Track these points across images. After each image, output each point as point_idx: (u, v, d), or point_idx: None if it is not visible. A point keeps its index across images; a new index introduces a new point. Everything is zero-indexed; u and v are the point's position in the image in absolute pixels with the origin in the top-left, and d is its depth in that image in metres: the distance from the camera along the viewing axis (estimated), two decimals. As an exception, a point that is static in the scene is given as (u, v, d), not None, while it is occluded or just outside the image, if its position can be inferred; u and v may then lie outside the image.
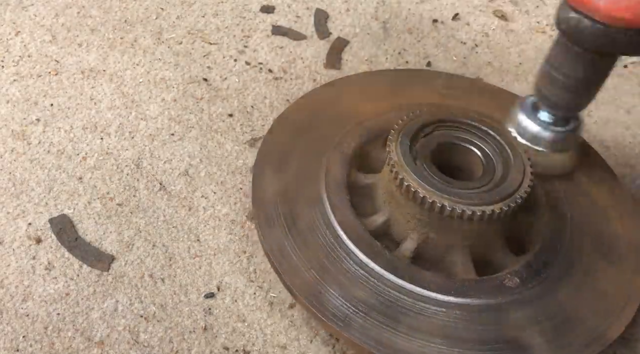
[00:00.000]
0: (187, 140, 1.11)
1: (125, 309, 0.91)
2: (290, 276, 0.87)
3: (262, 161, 1.00)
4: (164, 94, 1.17)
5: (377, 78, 1.17)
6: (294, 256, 0.89)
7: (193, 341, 0.88)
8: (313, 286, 0.86)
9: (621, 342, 0.89)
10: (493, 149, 0.92)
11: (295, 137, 1.03)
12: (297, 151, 1.01)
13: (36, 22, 1.29)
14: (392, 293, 0.85)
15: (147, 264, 0.95)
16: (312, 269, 0.87)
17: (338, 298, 0.85)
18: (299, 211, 0.93)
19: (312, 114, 1.07)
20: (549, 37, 1.34)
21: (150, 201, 1.03)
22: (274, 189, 0.96)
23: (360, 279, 0.86)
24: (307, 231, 0.91)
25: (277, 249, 0.90)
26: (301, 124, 1.05)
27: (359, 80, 1.16)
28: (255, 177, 0.98)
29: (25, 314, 0.89)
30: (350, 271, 0.87)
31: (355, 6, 1.37)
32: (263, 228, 0.92)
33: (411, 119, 0.93)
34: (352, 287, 0.85)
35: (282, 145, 1.02)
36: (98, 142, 1.09)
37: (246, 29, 1.31)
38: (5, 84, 1.17)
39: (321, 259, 0.88)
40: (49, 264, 0.94)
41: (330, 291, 0.85)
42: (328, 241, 0.90)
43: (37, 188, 1.03)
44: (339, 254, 0.88)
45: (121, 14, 1.32)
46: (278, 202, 0.94)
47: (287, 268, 0.88)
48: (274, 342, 0.89)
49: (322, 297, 0.85)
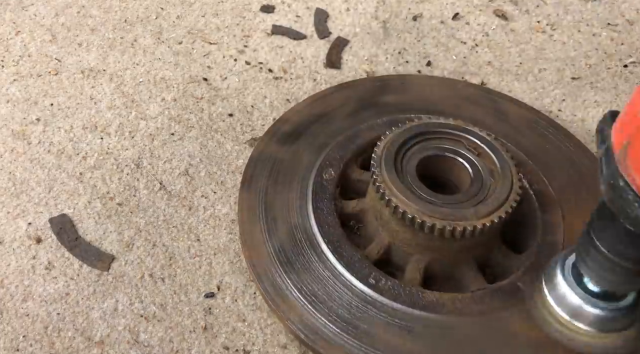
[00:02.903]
0: (187, 140, 1.11)
1: (125, 309, 0.91)
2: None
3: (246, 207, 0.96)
4: (164, 94, 1.17)
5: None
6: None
7: (193, 341, 0.88)
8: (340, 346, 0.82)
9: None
10: (479, 158, 0.91)
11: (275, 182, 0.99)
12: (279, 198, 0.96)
13: (36, 22, 1.29)
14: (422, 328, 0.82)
15: (147, 263, 0.95)
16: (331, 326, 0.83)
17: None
18: (299, 274, 0.89)
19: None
20: (549, 36, 1.34)
21: (150, 200, 1.03)
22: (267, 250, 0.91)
23: (387, 324, 0.82)
24: (322, 294, 0.86)
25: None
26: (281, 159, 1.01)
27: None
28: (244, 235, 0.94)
29: (25, 314, 0.89)
30: (377, 316, 0.83)
31: (355, 6, 1.37)
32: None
33: (395, 135, 0.91)
34: (384, 333, 0.82)
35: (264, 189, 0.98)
36: (98, 142, 1.09)
37: (246, 28, 1.31)
38: (5, 84, 1.17)
39: (343, 314, 0.84)
40: (49, 264, 0.94)
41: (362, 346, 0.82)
42: (344, 297, 0.85)
43: (37, 188, 1.03)
44: (358, 304, 0.84)
45: (121, 14, 1.32)
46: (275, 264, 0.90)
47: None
48: (274, 342, 0.89)
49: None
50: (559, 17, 1.39)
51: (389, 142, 0.90)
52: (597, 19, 1.39)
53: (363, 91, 1.12)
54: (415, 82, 1.17)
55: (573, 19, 1.39)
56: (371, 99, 1.10)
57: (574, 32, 1.35)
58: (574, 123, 1.17)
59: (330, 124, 1.04)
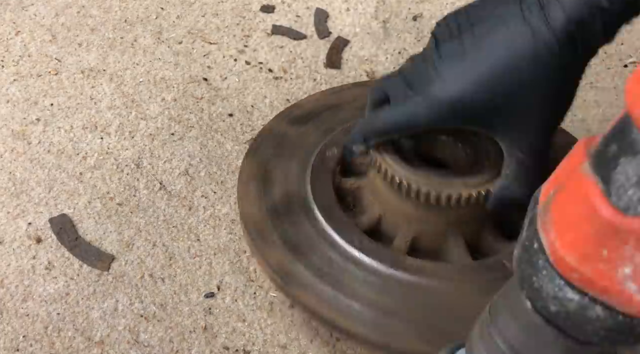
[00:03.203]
0: (187, 139, 1.11)
1: (126, 309, 0.91)
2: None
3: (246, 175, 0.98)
4: (164, 94, 1.18)
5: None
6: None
7: (193, 341, 0.88)
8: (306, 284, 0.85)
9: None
10: (477, 139, 0.91)
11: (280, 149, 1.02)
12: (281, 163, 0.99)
13: (36, 22, 1.29)
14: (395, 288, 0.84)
15: (147, 263, 0.95)
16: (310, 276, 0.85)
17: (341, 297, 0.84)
18: (293, 224, 0.90)
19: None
20: (549, 36, 1.34)
21: (150, 200, 1.03)
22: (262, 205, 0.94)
23: (365, 280, 0.84)
24: (305, 246, 0.88)
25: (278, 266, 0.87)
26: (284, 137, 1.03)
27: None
28: (240, 195, 0.96)
29: (25, 314, 0.89)
30: (356, 272, 0.85)
31: (355, 6, 1.37)
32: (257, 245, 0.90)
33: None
34: (361, 287, 0.84)
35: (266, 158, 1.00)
36: (98, 141, 1.09)
37: (246, 28, 1.31)
38: (5, 84, 1.17)
39: (322, 267, 0.85)
40: (49, 264, 0.94)
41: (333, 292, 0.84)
42: (326, 253, 0.87)
43: (37, 188, 1.03)
44: (339, 260, 0.86)
45: (121, 14, 1.32)
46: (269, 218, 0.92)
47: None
48: (274, 342, 0.89)
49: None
50: (559, 17, 1.39)
51: None
52: (597, 19, 1.39)
53: None
54: None
55: (573, 19, 1.39)
56: None
57: (574, 32, 1.35)
58: (574, 123, 1.17)
59: (341, 113, 1.07)
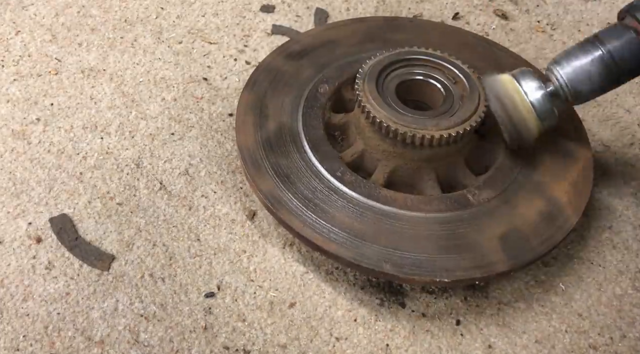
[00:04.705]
0: (187, 139, 1.11)
1: (126, 309, 0.91)
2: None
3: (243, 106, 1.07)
4: (164, 94, 1.18)
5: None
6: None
7: (193, 341, 0.88)
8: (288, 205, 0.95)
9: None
10: (452, 81, 1.01)
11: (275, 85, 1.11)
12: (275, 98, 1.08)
13: (36, 22, 1.29)
14: (368, 213, 0.94)
15: (147, 263, 0.96)
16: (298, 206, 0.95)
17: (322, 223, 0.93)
18: (284, 158, 1.00)
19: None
20: (549, 36, 1.34)
21: (151, 200, 1.03)
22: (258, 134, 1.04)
23: (344, 207, 0.95)
24: (293, 176, 0.98)
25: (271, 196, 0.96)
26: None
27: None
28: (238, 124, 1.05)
29: (26, 313, 0.89)
30: (336, 200, 0.96)
31: (355, 6, 1.37)
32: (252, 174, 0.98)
33: (376, 61, 1.02)
34: (338, 213, 0.94)
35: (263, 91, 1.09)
36: (98, 141, 1.10)
37: (246, 28, 1.31)
38: (5, 84, 1.17)
39: (307, 194, 0.96)
40: (49, 263, 0.94)
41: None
42: (311, 182, 0.97)
43: (38, 188, 1.03)
44: (322, 189, 0.97)
45: (121, 14, 1.32)
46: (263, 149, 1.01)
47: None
48: (274, 341, 0.89)
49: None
50: (559, 16, 1.39)
51: (377, 61, 1.02)
52: (597, 18, 1.39)
53: (374, 27, 1.22)
54: (424, 24, 1.27)
55: (573, 19, 1.39)
56: (379, 33, 1.20)
57: (574, 31, 1.36)
58: (574, 123, 1.17)
59: (336, 49, 1.16)
